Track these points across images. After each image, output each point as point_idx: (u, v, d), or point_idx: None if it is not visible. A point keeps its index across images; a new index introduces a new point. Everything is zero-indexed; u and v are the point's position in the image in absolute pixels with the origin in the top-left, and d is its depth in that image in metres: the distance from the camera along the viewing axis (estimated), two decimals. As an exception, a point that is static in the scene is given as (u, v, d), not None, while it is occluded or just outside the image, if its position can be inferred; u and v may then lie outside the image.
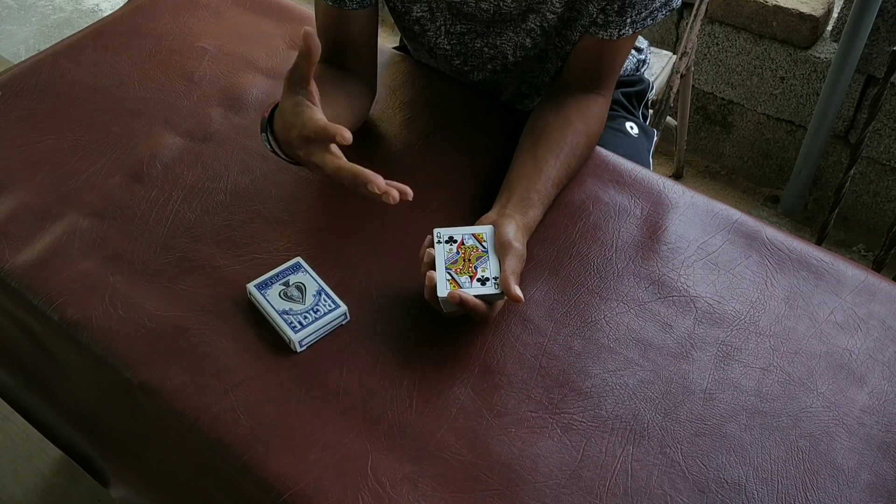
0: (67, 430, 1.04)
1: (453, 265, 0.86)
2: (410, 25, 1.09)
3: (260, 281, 0.90)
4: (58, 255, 0.95)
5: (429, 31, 1.08)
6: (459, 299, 0.82)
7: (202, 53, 1.22)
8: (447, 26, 1.06)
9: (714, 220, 0.99)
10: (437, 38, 1.09)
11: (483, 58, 1.10)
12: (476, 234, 0.88)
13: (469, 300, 0.82)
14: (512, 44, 1.06)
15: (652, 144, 1.33)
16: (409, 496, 0.75)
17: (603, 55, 1.01)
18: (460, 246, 0.87)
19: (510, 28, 1.04)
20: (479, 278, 0.85)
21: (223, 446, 0.79)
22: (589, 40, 1.00)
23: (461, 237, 0.88)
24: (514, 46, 1.06)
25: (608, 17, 0.96)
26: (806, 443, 0.79)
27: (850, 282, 0.92)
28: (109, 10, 2.73)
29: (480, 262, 0.86)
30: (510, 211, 0.91)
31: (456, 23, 1.06)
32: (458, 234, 0.88)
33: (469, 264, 0.86)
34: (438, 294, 0.83)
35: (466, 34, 1.07)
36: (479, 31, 1.06)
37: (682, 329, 0.88)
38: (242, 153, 1.07)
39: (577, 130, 0.99)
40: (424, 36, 1.10)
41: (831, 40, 1.84)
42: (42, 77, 1.18)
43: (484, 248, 0.87)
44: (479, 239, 0.88)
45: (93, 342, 0.87)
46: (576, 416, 0.81)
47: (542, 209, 0.94)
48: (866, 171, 1.93)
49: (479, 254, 0.87)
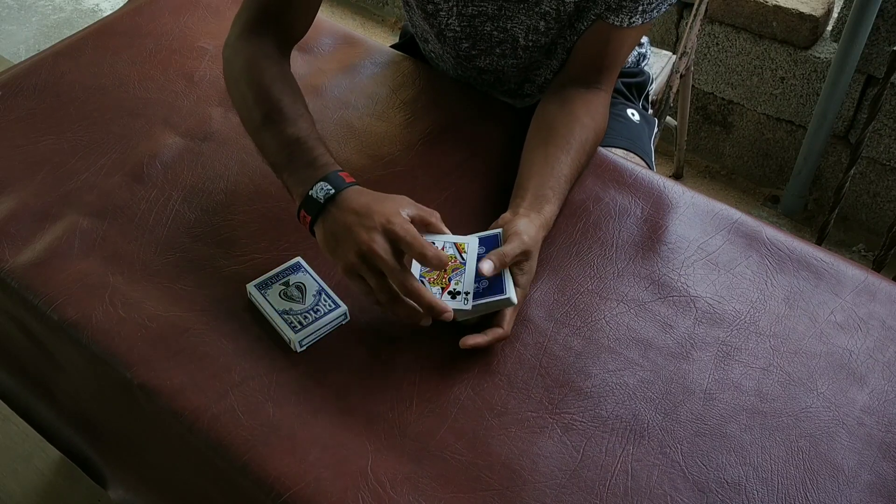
0: (66, 430, 1.04)
1: (428, 273, 0.84)
2: (424, 5, 1.09)
3: (260, 281, 0.90)
4: (58, 255, 0.95)
5: (441, 11, 1.09)
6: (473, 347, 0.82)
7: (202, 53, 1.22)
8: (459, 7, 1.07)
9: (714, 220, 0.99)
10: (449, 18, 1.09)
11: (492, 42, 1.11)
12: (458, 244, 0.85)
13: (482, 342, 0.82)
14: (524, 27, 1.06)
15: (653, 133, 1.33)
16: (409, 496, 0.75)
17: (610, 44, 1.02)
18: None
19: (523, 11, 1.04)
20: (451, 291, 0.83)
21: (223, 446, 0.79)
22: (599, 26, 1.01)
23: (442, 244, 0.85)
24: (526, 29, 1.07)
25: (622, 2, 0.97)
26: (806, 443, 0.79)
27: (850, 282, 0.92)
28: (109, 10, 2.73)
29: (455, 275, 0.84)
30: (524, 210, 0.90)
31: (468, 4, 1.06)
32: (440, 241, 0.85)
33: (443, 275, 0.84)
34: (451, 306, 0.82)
35: (477, 16, 1.08)
36: (491, 14, 1.07)
37: (682, 329, 0.88)
38: (242, 153, 1.07)
39: (585, 126, 1.00)
40: (437, 16, 1.10)
41: (831, 40, 1.84)
42: (42, 77, 1.18)
43: (463, 259, 0.85)
44: (460, 249, 0.85)
45: (93, 342, 0.87)
46: (576, 416, 0.81)
47: (557, 205, 0.94)
48: (866, 171, 1.93)
49: (455, 265, 0.85)
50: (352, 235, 0.80)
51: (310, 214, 0.85)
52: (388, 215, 0.80)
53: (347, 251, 0.81)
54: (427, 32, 1.18)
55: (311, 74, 1.18)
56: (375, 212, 0.81)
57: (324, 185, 0.84)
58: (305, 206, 0.85)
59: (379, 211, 0.81)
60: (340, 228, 0.82)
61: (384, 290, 0.80)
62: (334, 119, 1.12)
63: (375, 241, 0.79)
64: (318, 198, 0.84)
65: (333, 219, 0.83)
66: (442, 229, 0.85)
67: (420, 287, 0.79)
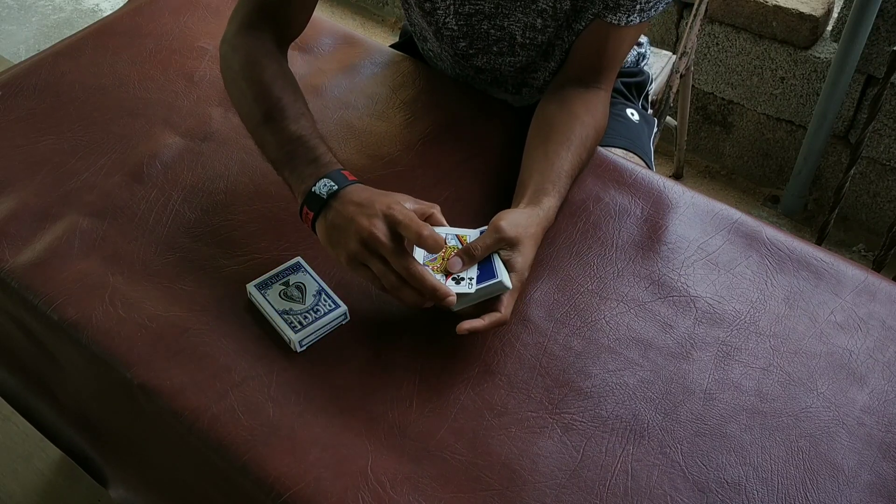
0: (67, 430, 1.04)
1: (431, 262, 0.86)
2: (422, 3, 1.10)
3: (260, 281, 0.90)
4: (58, 255, 0.95)
5: (438, 10, 1.09)
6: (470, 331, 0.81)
7: (202, 53, 1.22)
8: (456, 6, 1.07)
9: (714, 220, 0.99)
10: (446, 17, 1.09)
11: (489, 40, 1.11)
12: (460, 236, 0.87)
13: (480, 326, 0.82)
14: (521, 24, 1.06)
15: (653, 132, 1.33)
16: (409, 496, 0.75)
17: (608, 43, 1.02)
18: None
19: (519, 8, 1.04)
20: (455, 277, 0.84)
21: (223, 446, 0.79)
22: (597, 25, 1.01)
23: (444, 236, 0.86)
24: (523, 27, 1.07)
25: (619, 1, 0.97)
26: (806, 443, 0.79)
27: (850, 282, 0.92)
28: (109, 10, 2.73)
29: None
30: (523, 205, 0.91)
31: (465, 2, 1.06)
32: (442, 233, 0.86)
33: (445, 263, 0.85)
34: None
35: (474, 15, 1.08)
36: (488, 13, 1.07)
37: (682, 329, 0.88)
38: (242, 153, 1.07)
39: (586, 124, 1.00)
40: (434, 14, 1.10)
41: (831, 40, 1.84)
42: (42, 77, 1.18)
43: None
44: (462, 241, 0.87)
45: (93, 342, 0.87)
46: (576, 416, 0.81)
47: (557, 198, 0.93)
48: (866, 171, 1.93)
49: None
50: (353, 224, 0.81)
51: (312, 210, 0.85)
52: (388, 203, 0.82)
53: (349, 240, 0.82)
54: (425, 30, 1.18)
55: (311, 74, 1.18)
56: (377, 201, 0.82)
57: (327, 182, 0.85)
58: (308, 203, 0.85)
59: (380, 200, 0.82)
60: (342, 220, 0.83)
61: (387, 275, 0.81)
62: (334, 119, 1.12)
63: (376, 226, 0.80)
64: (321, 194, 0.85)
65: (336, 212, 0.84)
66: (442, 221, 0.87)
67: (422, 270, 0.80)
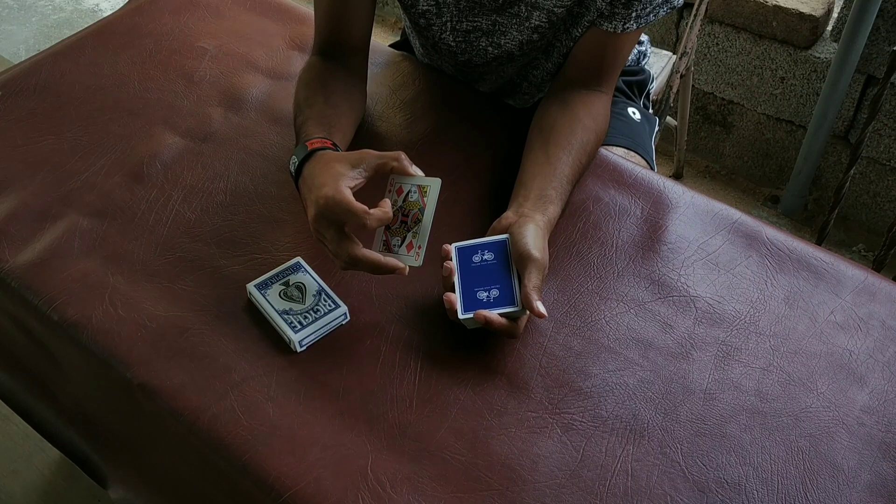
0: (67, 430, 1.04)
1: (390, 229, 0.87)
2: (416, 18, 1.09)
3: (260, 281, 0.90)
4: (58, 255, 0.95)
5: (434, 26, 1.09)
6: (485, 320, 0.82)
7: (202, 53, 1.22)
8: (453, 23, 1.07)
9: (714, 220, 0.99)
10: (443, 33, 1.09)
11: (487, 57, 1.10)
12: (421, 187, 0.87)
13: (495, 320, 0.82)
14: (516, 42, 1.06)
15: (654, 131, 1.32)
16: (409, 496, 0.75)
17: (606, 49, 1.02)
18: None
19: (515, 27, 1.04)
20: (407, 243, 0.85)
21: (223, 446, 0.79)
22: (593, 33, 1.01)
23: (408, 187, 0.87)
24: (519, 44, 1.06)
25: (614, 9, 0.97)
26: (806, 443, 0.79)
27: (850, 282, 0.92)
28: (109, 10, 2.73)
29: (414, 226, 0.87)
30: (528, 211, 0.90)
31: (462, 20, 1.06)
32: (407, 184, 0.87)
33: (402, 228, 0.86)
34: (460, 316, 0.83)
35: (472, 32, 1.07)
36: (485, 30, 1.06)
37: (682, 329, 0.88)
38: (242, 153, 1.07)
39: (587, 127, 1.00)
40: (430, 30, 1.10)
41: (831, 40, 1.84)
42: (42, 77, 1.18)
43: (423, 204, 0.87)
44: (423, 191, 0.87)
45: (93, 342, 0.87)
46: (576, 416, 0.81)
47: (560, 206, 0.93)
48: (866, 171, 1.93)
49: (416, 216, 0.86)
50: (305, 211, 0.86)
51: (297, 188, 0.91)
52: (322, 193, 0.82)
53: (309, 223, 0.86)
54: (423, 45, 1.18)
55: (311, 74, 1.18)
56: (315, 186, 0.84)
57: (293, 159, 0.91)
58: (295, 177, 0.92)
59: (318, 185, 0.84)
60: (302, 199, 0.88)
61: (338, 259, 0.84)
62: (334, 119, 1.12)
63: (317, 221, 0.83)
64: (291, 172, 0.91)
65: (300, 191, 0.89)
66: (408, 170, 0.86)
67: (362, 255, 0.82)
